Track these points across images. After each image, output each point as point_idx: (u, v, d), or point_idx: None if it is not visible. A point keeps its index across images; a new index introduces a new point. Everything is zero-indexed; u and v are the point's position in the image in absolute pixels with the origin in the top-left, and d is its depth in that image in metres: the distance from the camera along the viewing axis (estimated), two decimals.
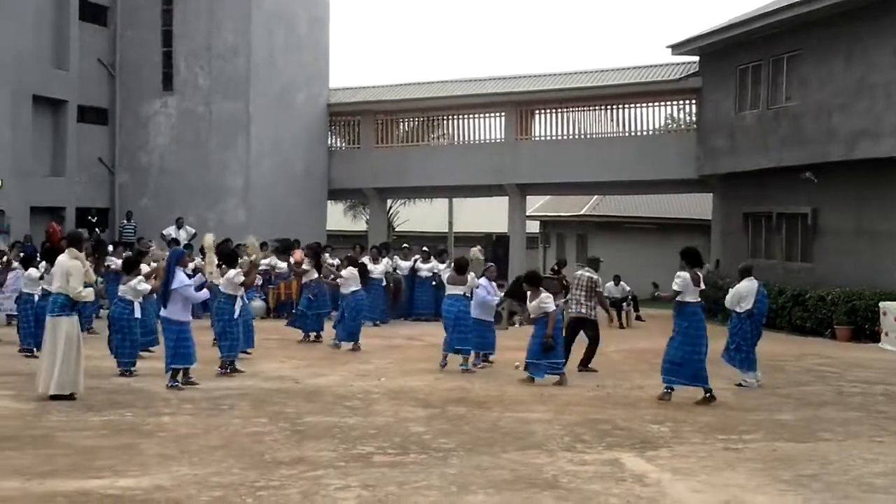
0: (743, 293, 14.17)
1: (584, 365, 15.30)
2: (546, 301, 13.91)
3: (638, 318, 24.75)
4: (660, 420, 11.12)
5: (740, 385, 13.89)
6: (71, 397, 11.54)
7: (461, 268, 15.46)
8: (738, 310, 14.19)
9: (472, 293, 15.22)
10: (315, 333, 18.48)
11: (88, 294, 12.01)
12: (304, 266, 19.21)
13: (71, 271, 11.76)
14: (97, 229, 26.53)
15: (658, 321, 22.45)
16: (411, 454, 9.14)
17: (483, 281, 15.46)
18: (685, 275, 12.55)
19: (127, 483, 7.89)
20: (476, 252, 22.21)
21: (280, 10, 30.28)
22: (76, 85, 28.55)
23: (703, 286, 12.75)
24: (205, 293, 13.76)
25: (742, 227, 26.54)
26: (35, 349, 14.61)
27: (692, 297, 12.53)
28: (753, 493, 7.95)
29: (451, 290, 15.31)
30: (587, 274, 15.46)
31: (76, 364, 11.68)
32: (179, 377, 12.80)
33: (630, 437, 10.13)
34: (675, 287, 12.54)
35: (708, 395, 12.42)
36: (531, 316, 14.15)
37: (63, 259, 11.99)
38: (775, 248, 25.02)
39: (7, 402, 11.41)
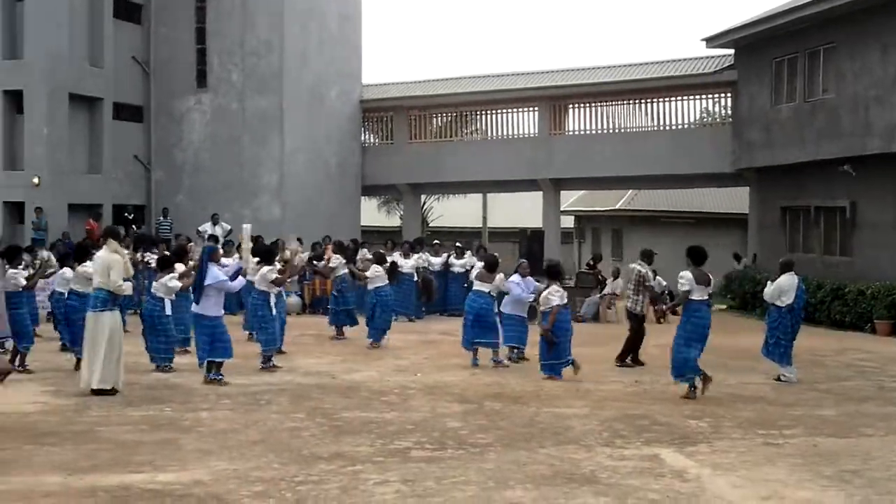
0: (784, 287, 14.03)
1: (622, 360, 15.21)
2: (553, 294, 13.80)
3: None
4: (698, 415, 11.05)
5: (779, 380, 13.77)
6: (112, 392, 11.63)
7: (491, 266, 15.38)
8: (778, 304, 14.05)
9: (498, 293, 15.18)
10: (341, 328, 18.44)
11: (128, 288, 12.10)
12: (332, 263, 19.21)
13: (112, 265, 11.84)
14: (134, 226, 26.72)
15: None
16: (449, 449, 9.13)
17: (516, 277, 15.40)
18: (688, 274, 12.47)
19: (167, 478, 7.94)
20: (293, 240, 21.70)
21: (312, 6, 30.35)
22: (111, 82, 28.77)
23: (711, 287, 12.64)
24: (241, 281, 13.73)
25: (779, 221, 26.30)
26: (68, 346, 14.74)
27: (697, 295, 12.42)
28: (794, 489, 7.88)
29: (477, 286, 15.24)
30: (637, 268, 15.41)
31: (118, 359, 11.79)
32: (221, 369, 12.84)
33: (669, 433, 10.07)
34: (681, 289, 12.43)
35: (692, 389, 12.35)
36: (541, 308, 14.07)
37: (103, 254, 12.07)
38: (813, 242, 24.77)
39: (48, 397, 11.52)
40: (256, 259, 15.63)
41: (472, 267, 22.42)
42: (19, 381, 12.70)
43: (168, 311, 14.02)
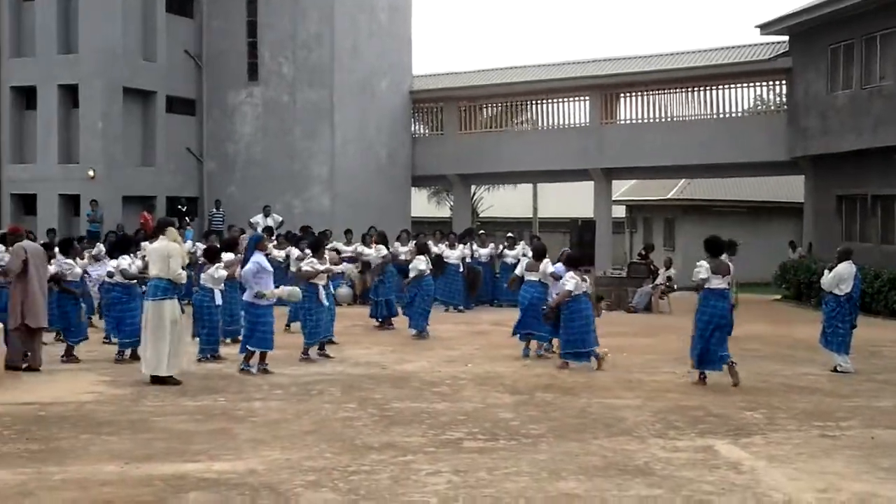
0: (843, 275, 13.81)
1: None
2: (568, 280, 13.76)
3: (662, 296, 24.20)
4: (753, 407, 10.92)
5: (835, 370, 13.56)
6: (176, 381, 11.74)
7: (538, 254, 15.31)
8: (836, 292, 13.83)
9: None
10: (383, 318, 18.53)
11: (183, 276, 12.24)
12: (378, 253, 19.11)
13: (171, 254, 11.96)
14: (187, 217, 27.03)
15: (752, 307, 22.08)
16: (500, 440, 9.12)
17: (559, 267, 15.33)
18: (704, 263, 12.51)
19: (222, 467, 8.01)
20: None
21: None
22: (164, 76, 29.11)
23: (729, 276, 12.68)
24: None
25: (835, 209, 25.90)
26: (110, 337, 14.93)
27: (714, 284, 12.44)
28: (851, 481, 7.76)
29: (528, 276, 15.18)
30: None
31: (179, 347, 11.95)
32: (254, 361, 12.91)
33: (723, 424, 9.96)
34: (699, 277, 12.46)
35: (702, 376, 12.49)
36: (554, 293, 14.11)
37: (160, 244, 12.17)
38: (870, 230, 24.36)
39: (104, 387, 11.68)
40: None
41: (524, 257, 22.33)
42: (75, 371, 12.91)
43: (218, 300, 14.12)
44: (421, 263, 17.47)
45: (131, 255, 14.31)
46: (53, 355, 13.85)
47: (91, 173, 27.10)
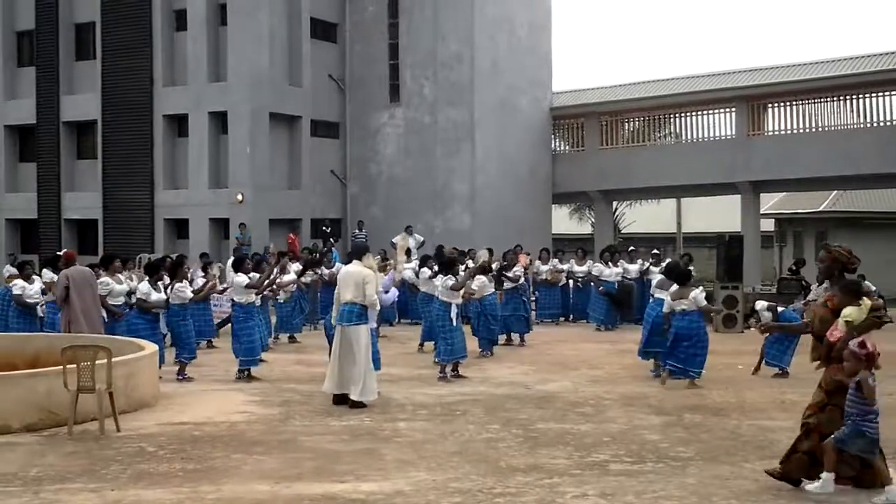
0: None
1: None
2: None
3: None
4: None
5: None
6: (362, 405, 11.80)
7: (670, 273, 14.90)
8: None
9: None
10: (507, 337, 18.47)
11: (377, 302, 12.45)
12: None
13: (367, 279, 12.07)
14: (331, 239, 27.54)
15: None
16: (648, 462, 8.92)
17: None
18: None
19: (370, 487, 8.07)
20: (484, 254, 20.86)
21: (502, 16, 30.53)
22: (309, 101, 29.80)
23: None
24: (392, 295, 13.85)
25: None
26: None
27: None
28: None
29: (658, 293, 14.79)
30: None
31: (370, 372, 12.01)
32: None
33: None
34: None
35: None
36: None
37: (356, 268, 12.22)
38: None
39: (254, 407, 11.93)
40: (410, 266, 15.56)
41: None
42: (225, 391, 13.19)
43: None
44: (484, 282, 16.76)
45: (157, 283, 14.29)
46: (207, 375, 14.28)
47: (239, 197, 27.91)
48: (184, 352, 14.29)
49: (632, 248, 25.96)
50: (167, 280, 14.96)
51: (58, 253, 20.00)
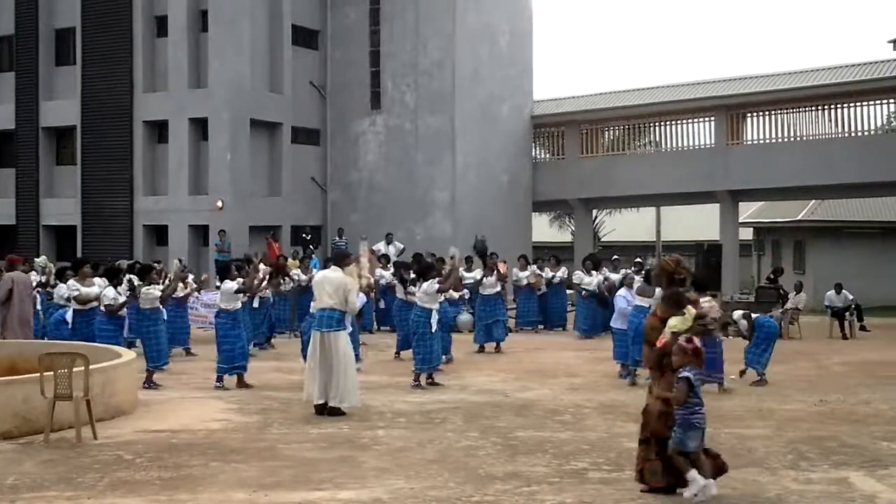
0: None
1: None
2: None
3: (862, 328, 23.43)
4: (890, 437, 10.47)
5: None
6: (341, 412, 11.76)
7: (650, 278, 14.94)
8: None
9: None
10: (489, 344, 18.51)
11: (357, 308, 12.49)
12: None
13: (349, 286, 12.00)
14: (311, 246, 27.46)
15: (885, 331, 21.25)
16: (626, 470, 8.93)
17: (623, 291, 15.04)
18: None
19: (347, 495, 8.06)
20: (454, 251, 20.64)
21: (484, 24, 30.58)
22: (290, 107, 29.76)
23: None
24: (360, 301, 13.92)
25: None
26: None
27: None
28: None
29: (639, 300, 14.78)
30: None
31: (353, 377, 12.00)
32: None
33: (858, 455, 9.57)
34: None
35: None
36: None
37: (337, 275, 12.11)
38: None
39: (231, 415, 11.89)
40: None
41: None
42: (204, 399, 13.13)
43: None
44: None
45: (120, 286, 14.29)
46: (186, 382, 14.22)
47: (219, 204, 27.82)
48: (152, 359, 14.22)
49: (615, 256, 25.96)
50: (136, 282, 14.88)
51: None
